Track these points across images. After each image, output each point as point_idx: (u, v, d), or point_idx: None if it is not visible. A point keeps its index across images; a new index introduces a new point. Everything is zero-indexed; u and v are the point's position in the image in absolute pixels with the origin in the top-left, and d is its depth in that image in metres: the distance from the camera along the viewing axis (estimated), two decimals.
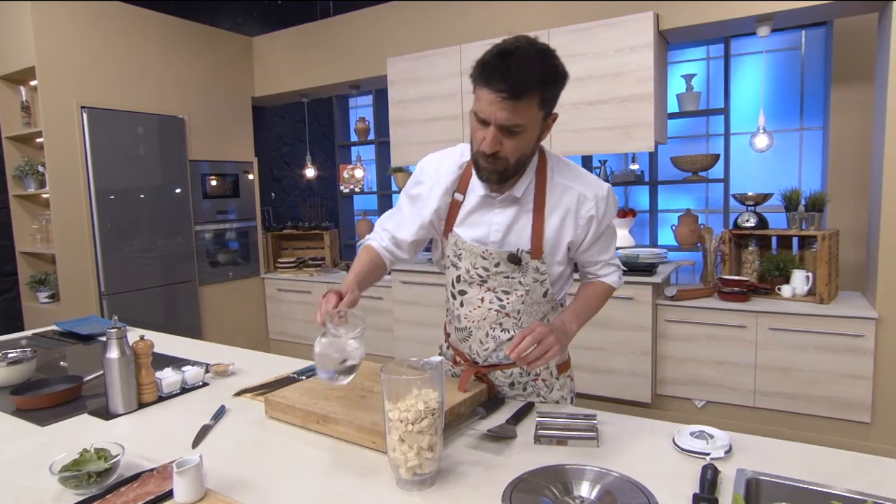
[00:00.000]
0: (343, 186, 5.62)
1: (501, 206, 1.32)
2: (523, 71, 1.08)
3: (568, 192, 1.31)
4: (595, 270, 1.46)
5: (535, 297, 1.37)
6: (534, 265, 1.32)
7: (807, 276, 2.98)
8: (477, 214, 1.35)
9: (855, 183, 3.39)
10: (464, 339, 1.44)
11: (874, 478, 1.03)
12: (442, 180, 1.37)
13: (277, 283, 4.89)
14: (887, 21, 2.69)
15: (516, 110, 1.11)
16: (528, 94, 1.10)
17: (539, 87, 1.11)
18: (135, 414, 1.43)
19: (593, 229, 1.34)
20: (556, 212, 1.31)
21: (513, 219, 1.32)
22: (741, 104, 4.11)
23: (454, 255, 1.38)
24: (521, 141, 1.17)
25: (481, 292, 1.37)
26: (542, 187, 1.31)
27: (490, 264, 1.34)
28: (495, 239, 1.33)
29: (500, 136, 1.15)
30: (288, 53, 4.65)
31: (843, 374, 2.78)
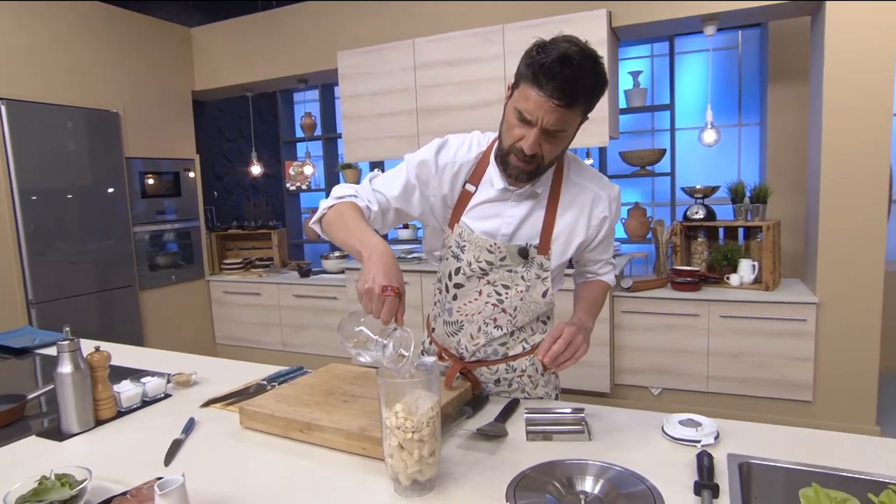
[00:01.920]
0: (289, 184, 5.46)
1: (517, 200, 1.30)
2: (579, 80, 1.08)
3: (584, 192, 1.31)
4: (596, 269, 1.47)
5: (534, 296, 1.35)
6: (539, 261, 1.31)
7: (753, 265, 3.13)
8: (489, 207, 1.31)
9: (792, 176, 3.59)
10: (453, 334, 1.41)
11: (854, 455, 1.07)
12: (458, 167, 1.32)
13: (223, 286, 4.69)
14: (820, 24, 2.85)
15: (565, 117, 1.11)
16: (579, 104, 1.11)
17: (588, 96, 1.12)
18: (92, 433, 1.31)
19: (604, 229, 1.35)
20: (570, 210, 1.31)
21: (527, 213, 1.31)
22: (683, 100, 4.27)
23: (457, 246, 1.34)
24: (560, 144, 1.18)
25: (480, 285, 1.34)
26: (557, 184, 1.31)
27: (496, 258, 1.31)
28: (506, 232, 1.31)
29: (541, 138, 1.14)
30: (230, 46, 4.45)
31: (787, 356, 2.94)
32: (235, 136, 6.06)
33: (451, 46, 3.52)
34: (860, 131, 2.73)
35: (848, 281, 2.83)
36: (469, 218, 1.32)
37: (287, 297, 4.37)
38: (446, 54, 3.53)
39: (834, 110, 2.78)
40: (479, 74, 3.47)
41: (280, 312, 4.41)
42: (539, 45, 1.12)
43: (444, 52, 3.54)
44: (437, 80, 3.59)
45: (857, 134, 2.74)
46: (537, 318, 1.42)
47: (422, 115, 3.69)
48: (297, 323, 4.35)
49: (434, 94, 3.61)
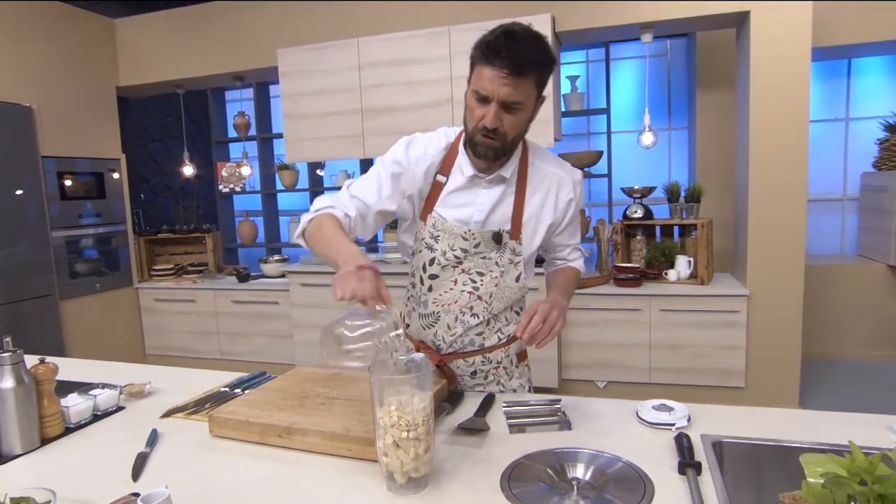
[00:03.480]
0: (222, 186, 5.23)
1: (488, 186, 1.33)
2: (525, 50, 1.14)
3: (548, 176, 1.36)
4: (565, 255, 1.49)
5: (508, 281, 1.37)
6: (511, 245, 1.35)
7: (689, 261, 3.31)
8: (460, 195, 1.34)
9: (720, 177, 3.83)
10: (429, 326, 1.41)
11: (804, 428, 1.16)
12: (430, 160, 1.35)
13: (154, 293, 4.42)
14: (745, 36, 3.07)
15: (517, 87, 1.15)
16: (528, 73, 1.15)
17: (537, 67, 1.17)
18: (38, 452, 1.20)
19: (570, 212, 1.39)
20: (537, 194, 1.35)
21: (498, 199, 1.33)
22: (616, 104, 4.46)
23: (431, 237, 1.36)
24: (519, 118, 1.21)
25: (455, 274, 1.36)
26: (524, 170, 1.35)
27: (470, 245, 1.34)
28: (478, 219, 1.34)
29: (500, 112, 1.18)
30: (159, 40, 4.21)
31: (721, 346, 3.13)
32: (162, 136, 5.74)
33: (396, 46, 3.50)
34: (782, 137, 2.97)
35: (774, 274, 3.06)
36: (441, 208, 1.35)
37: (225, 303, 4.18)
38: (392, 54, 3.51)
39: (759, 117, 3.00)
40: (426, 75, 3.47)
41: (217, 320, 4.21)
42: (491, 30, 1.18)
43: (390, 52, 3.51)
44: (382, 80, 3.56)
45: (779, 139, 2.97)
46: (511, 308, 1.44)
47: (367, 115, 3.64)
48: (235, 330, 4.17)
49: (380, 94, 3.58)
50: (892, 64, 4.08)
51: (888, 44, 3.66)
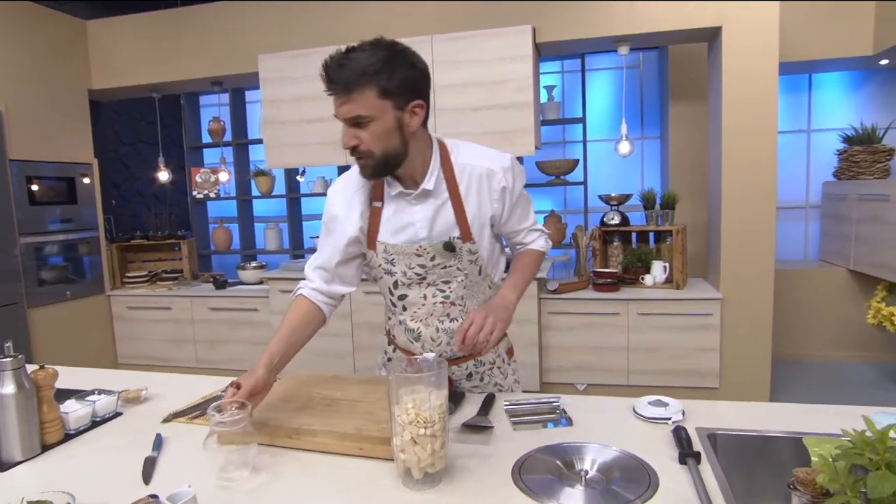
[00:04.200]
0: (196, 191, 5.15)
1: (418, 202, 1.33)
2: (349, 67, 1.15)
3: (476, 171, 1.34)
4: (521, 239, 1.48)
5: (474, 279, 1.39)
6: (467, 248, 1.34)
7: (664, 266, 3.42)
8: (397, 217, 1.35)
9: (692, 185, 3.97)
10: (414, 340, 1.43)
11: (789, 419, 1.23)
12: (355, 197, 1.37)
13: (127, 301, 4.32)
14: (717, 50, 3.21)
15: (353, 102, 1.16)
16: (359, 87, 1.15)
17: (369, 77, 1.15)
18: (39, 459, 1.18)
19: (508, 199, 1.37)
20: (471, 192, 1.34)
21: (433, 212, 1.33)
22: (590, 114, 4.57)
23: (386, 262, 1.37)
24: (375, 131, 1.19)
25: (422, 290, 1.37)
26: (451, 175, 1.33)
27: (426, 259, 1.34)
28: (423, 235, 1.34)
29: (352, 130, 1.20)
30: (135, 43, 4.14)
31: (697, 348, 3.24)
32: (133, 141, 5.64)
33: None
34: (753, 147, 3.11)
35: (745, 278, 3.19)
36: (385, 233, 1.36)
37: (202, 310, 4.11)
38: None
39: (731, 128, 3.13)
40: None
41: (194, 327, 4.14)
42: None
43: None
44: None
45: (750, 149, 3.11)
46: (486, 299, 1.44)
47: None
48: (213, 338, 4.11)
49: None
50: (849, 79, 4.30)
51: (845, 60, 3.87)
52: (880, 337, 3.88)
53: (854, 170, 3.90)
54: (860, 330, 3.94)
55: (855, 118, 4.17)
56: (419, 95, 1.22)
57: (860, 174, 3.87)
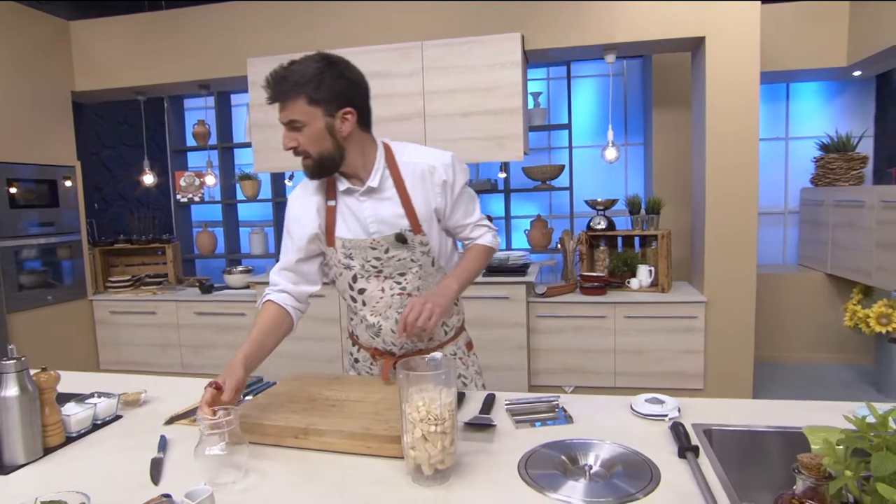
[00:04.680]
0: (180, 195, 5.10)
1: (366, 198, 1.43)
2: (285, 79, 1.30)
3: (418, 167, 1.44)
4: (468, 234, 1.57)
5: (428, 270, 1.48)
6: (418, 240, 1.44)
7: (650, 270, 3.48)
8: (350, 213, 1.45)
9: (675, 191, 4.06)
10: (376, 335, 1.49)
11: (780, 415, 1.28)
12: (311, 198, 1.47)
13: (110, 305, 4.26)
14: (701, 59, 3.30)
15: (287, 110, 1.31)
16: (290, 97, 1.29)
17: (299, 88, 1.28)
18: (41, 462, 1.18)
19: (449, 193, 1.47)
20: (416, 188, 1.44)
21: (382, 207, 1.43)
22: (574, 120, 4.64)
23: (345, 256, 1.45)
24: (308, 135, 1.32)
25: (380, 283, 1.46)
26: (396, 173, 1.44)
27: (381, 252, 1.43)
28: (375, 230, 1.43)
29: (290, 133, 1.33)
30: (121, 44, 4.10)
31: (682, 350, 3.30)
32: (116, 143, 5.57)
33: (369, 60, 3.53)
34: (736, 154, 3.20)
35: (729, 282, 3.27)
36: (341, 230, 1.45)
37: (188, 315, 4.07)
38: (364, 67, 3.49)
39: (714, 135, 3.22)
40: (397, 89, 3.53)
41: (179, 332, 4.10)
42: None
43: (362, 65, 3.50)
44: None
45: (733, 156, 3.20)
46: None
47: None
48: (199, 343, 4.07)
49: None
50: (824, 89, 4.44)
51: (821, 71, 4.01)
52: (856, 339, 3.99)
53: (830, 177, 4.02)
54: (837, 332, 4.05)
55: (830, 127, 4.30)
56: (349, 103, 1.34)
57: (836, 181, 3.99)
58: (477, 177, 4.54)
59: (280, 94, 1.30)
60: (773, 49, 3.76)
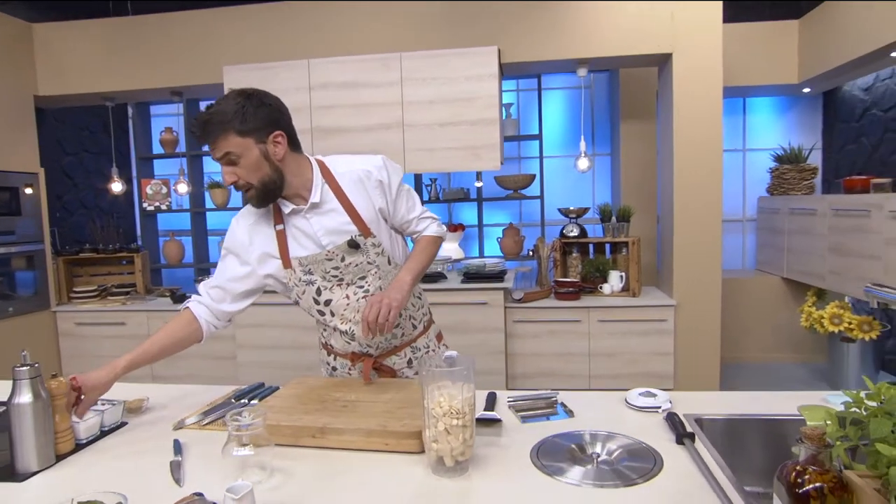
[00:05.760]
0: (147, 203, 5.00)
1: (312, 215, 1.49)
2: (205, 122, 1.36)
3: (353, 174, 1.51)
4: (414, 227, 1.63)
5: (386, 269, 1.53)
6: (369, 242, 1.49)
7: (620, 276, 3.62)
8: (300, 233, 1.50)
9: (641, 199, 4.23)
10: (350, 340, 1.55)
11: (760, 404, 1.39)
12: (257, 225, 1.52)
13: (76, 317, 4.13)
14: (668, 74, 3.48)
15: (217, 147, 1.36)
16: (218, 134, 1.35)
17: (226, 125, 1.34)
18: (54, 469, 1.17)
19: (388, 192, 1.54)
20: (355, 194, 1.50)
21: (328, 219, 1.49)
22: (545, 131, 4.78)
23: (304, 273, 1.50)
24: (246, 165, 1.38)
25: (343, 290, 1.51)
26: (335, 185, 1.50)
27: (337, 261, 1.49)
28: (327, 241, 1.49)
29: (228, 168, 1.39)
30: (88, 49, 4.01)
31: (652, 352, 3.44)
32: (77, 150, 5.41)
33: (348, 69, 3.59)
34: (702, 164, 3.38)
35: (696, 286, 3.43)
36: (296, 251, 1.50)
37: (159, 325, 3.97)
38: (343, 77, 3.60)
39: (682, 147, 3.40)
40: (376, 98, 3.58)
41: None
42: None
43: (341, 75, 3.60)
44: (333, 102, 3.63)
45: (699, 167, 3.39)
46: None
47: (317, 135, 3.69)
48: None
49: (330, 115, 3.64)
50: (778, 104, 4.72)
51: (774, 87, 4.27)
52: (811, 339, 4.24)
53: (785, 186, 4.28)
54: (793, 333, 4.29)
55: (784, 139, 4.58)
56: (277, 127, 1.39)
57: (790, 190, 4.25)
58: (449, 185, 4.62)
59: (209, 133, 1.35)
60: (731, 66, 3.99)
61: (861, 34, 3.37)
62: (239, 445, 1.07)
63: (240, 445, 1.07)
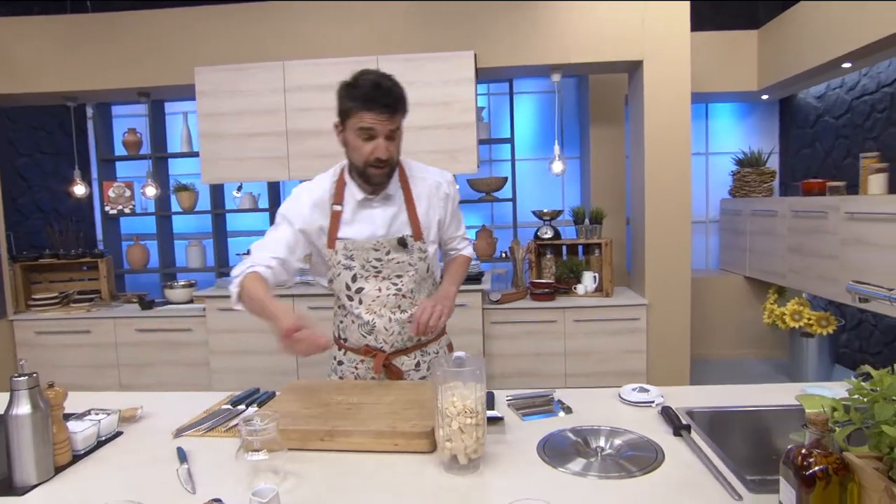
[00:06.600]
0: (109, 207, 4.84)
1: (380, 205, 1.57)
2: (391, 93, 1.44)
3: (426, 182, 1.62)
4: (455, 245, 1.76)
5: (423, 275, 1.61)
6: (417, 246, 1.58)
7: (594, 276, 3.72)
8: (358, 217, 1.57)
9: (610, 201, 4.34)
10: (368, 333, 1.59)
11: (745, 396, 1.46)
12: (321, 200, 1.57)
13: (35, 325, 3.97)
14: (638, 80, 3.60)
15: (393, 121, 1.46)
16: (400, 109, 1.47)
17: (402, 101, 1.47)
18: (54, 482, 1.14)
19: (450, 207, 1.67)
20: (421, 199, 1.60)
21: (393, 213, 1.58)
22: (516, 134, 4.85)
23: (346, 257, 1.56)
24: (398, 143, 1.51)
25: (378, 283, 1.57)
26: (405, 184, 1.59)
27: (382, 254, 1.55)
28: (381, 233, 1.56)
29: (387, 143, 1.46)
30: (48, 46, 3.86)
31: (626, 350, 3.55)
32: (32, 151, 5.19)
33: (323, 71, 3.57)
34: (671, 168, 3.51)
35: (667, 286, 3.56)
36: (346, 233, 1.56)
37: (127, 332, 3.87)
38: (318, 79, 3.58)
39: (653, 151, 3.52)
40: None
41: (117, 351, 3.88)
42: (351, 82, 1.46)
43: (317, 77, 3.58)
44: (308, 104, 3.60)
45: (669, 170, 3.52)
46: (429, 293, 1.66)
47: (292, 138, 3.65)
48: (140, 361, 3.88)
49: (305, 117, 3.61)
50: (738, 110, 4.93)
51: (735, 94, 4.46)
52: (772, 335, 4.44)
53: (746, 189, 4.47)
54: (755, 329, 4.48)
55: (744, 144, 4.78)
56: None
57: (751, 192, 4.44)
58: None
59: (398, 105, 1.44)
60: (695, 73, 4.14)
61: (815, 46, 3.56)
62: (252, 450, 1.06)
63: (252, 450, 1.06)
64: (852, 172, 3.73)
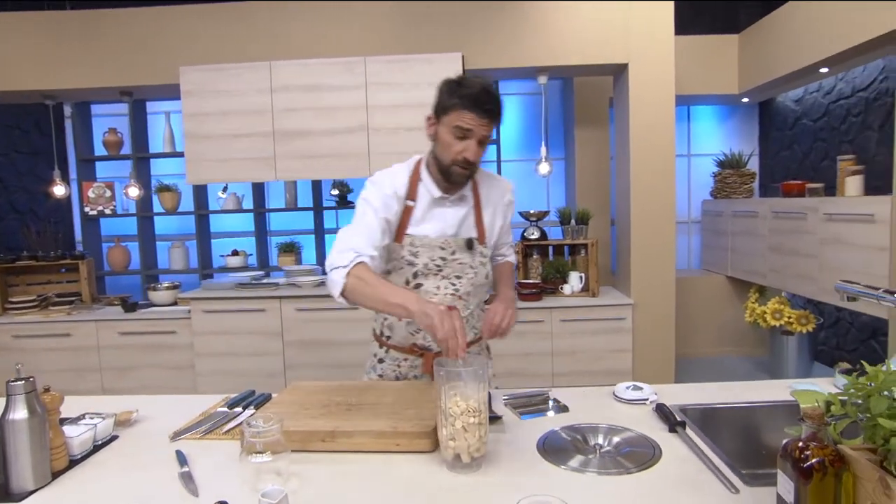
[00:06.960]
0: (88, 208, 4.76)
1: (452, 205, 1.58)
2: (498, 101, 1.46)
3: (493, 188, 1.65)
4: (504, 251, 1.81)
5: (480, 279, 1.62)
6: (479, 249, 1.61)
7: (580, 276, 3.76)
8: (430, 214, 1.57)
9: (596, 203, 4.40)
10: (418, 330, 1.58)
11: (734, 393, 1.50)
12: (399, 192, 1.55)
13: (13, 329, 3.88)
14: (623, 83, 3.65)
15: (489, 128, 1.47)
16: (497, 117, 1.48)
17: (502, 111, 1.49)
18: (51, 487, 1.12)
19: (509, 214, 1.73)
20: (488, 204, 1.64)
21: (463, 214, 1.59)
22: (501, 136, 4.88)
23: (410, 253, 1.55)
24: (485, 150, 1.52)
25: (437, 281, 1.57)
26: (475, 188, 1.62)
27: (447, 253, 1.56)
28: (451, 232, 1.58)
29: (479, 148, 1.48)
30: (25, 43, 3.78)
31: (612, 349, 3.59)
32: (7, 150, 5.10)
33: (311, 72, 3.56)
34: (656, 169, 3.57)
35: (652, 286, 3.61)
36: (415, 227, 1.56)
37: (110, 335, 3.81)
38: (306, 80, 3.56)
39: (638, 152, 3.57)
40: (340, 102, 3.56)
41: (100, 354, 3.82)
42: (458, 81, 1.47)
43: (304, 78, 3.56)
44: (295, 105, 3.58)
45: (654, 171, 3.57)
46: (481, 300, 1.69)
47: (279, 138, 3.63)
48: (123, 364, 3.81)
49: (292, 117, 3.59)
50: (719, 112, 5.03)
51: (716, 96, 4.55)
52: (753, 334, 4.53)
53: (727, 190, 4.56)
54: (737, 328, 4.57)
55: (725, 146, 4.87)
56: None
57: (732, 194, 4.53)
58: None
59: (498, 114, 1.46)
60: (677, 76, 4.20)
61: (793, 51, 3.65)
62: (255, 452, 1.06)
63: (256, 452, 1.06)
64: (829, 174, 3.83)
